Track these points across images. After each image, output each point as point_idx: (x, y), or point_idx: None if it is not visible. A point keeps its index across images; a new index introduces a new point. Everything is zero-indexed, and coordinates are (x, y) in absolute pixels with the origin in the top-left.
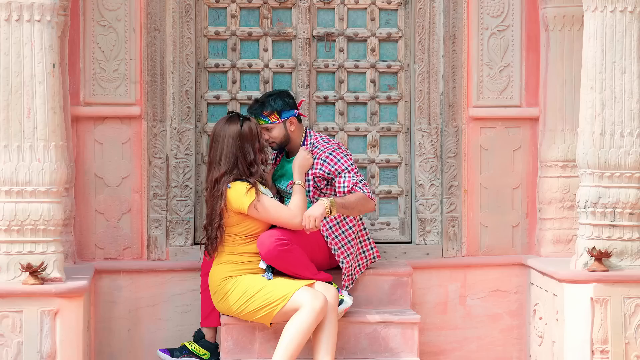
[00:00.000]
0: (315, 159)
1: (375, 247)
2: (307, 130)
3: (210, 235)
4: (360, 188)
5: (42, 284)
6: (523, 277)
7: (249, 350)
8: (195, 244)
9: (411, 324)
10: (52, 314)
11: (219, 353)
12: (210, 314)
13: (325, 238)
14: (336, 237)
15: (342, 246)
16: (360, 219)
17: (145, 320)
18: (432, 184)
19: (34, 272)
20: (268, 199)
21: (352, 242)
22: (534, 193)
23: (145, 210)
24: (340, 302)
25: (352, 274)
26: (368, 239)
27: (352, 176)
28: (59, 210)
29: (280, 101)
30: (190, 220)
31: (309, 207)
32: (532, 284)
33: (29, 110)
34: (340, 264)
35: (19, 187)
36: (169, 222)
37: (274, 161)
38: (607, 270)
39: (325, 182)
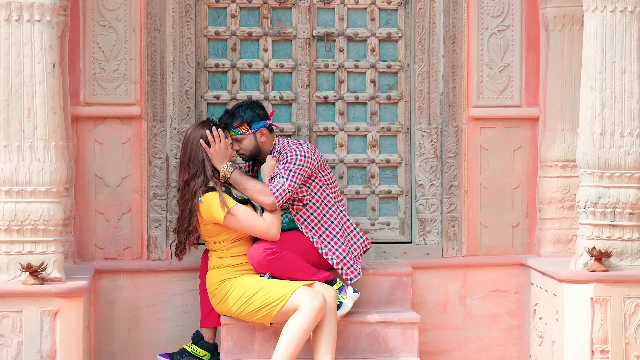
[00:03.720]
0: (280, 157)
1: (364, 235)
2: (277, 138)
3: (180, 238)
4: (274, 180)
5: (42, 284)
6: (523, 277)
7: (249, 350)
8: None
9: (411, 324)
10: (52, 314)
11: (219, 353)
12: (210, 314)
13: (311, 238)
14: (320, 235)
15: (329, 242)
16: (342, 211)
17: (145, 320)
18: (432, 184)
19: (34, 272)
20: (243, 208)
21: (338, 236)
22: (534, 193)
23: (145, 210)
24: (340, 306)
25: (352, 266)
26: (355, 228)
27: (281, 174)
28: (59, 210)
29: (250, 112)
30: None
31: (283, 216)
32: (532, 284)
33: (29, 110)
34: (330, 261)
35: (19, 187)
36: (169, 222)
37: (250, 172)
38: (607, 270)
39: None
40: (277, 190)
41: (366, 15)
